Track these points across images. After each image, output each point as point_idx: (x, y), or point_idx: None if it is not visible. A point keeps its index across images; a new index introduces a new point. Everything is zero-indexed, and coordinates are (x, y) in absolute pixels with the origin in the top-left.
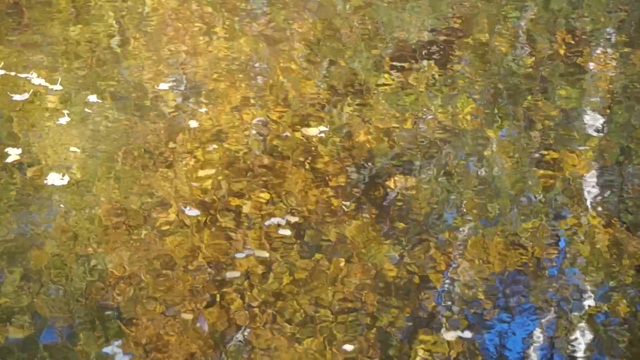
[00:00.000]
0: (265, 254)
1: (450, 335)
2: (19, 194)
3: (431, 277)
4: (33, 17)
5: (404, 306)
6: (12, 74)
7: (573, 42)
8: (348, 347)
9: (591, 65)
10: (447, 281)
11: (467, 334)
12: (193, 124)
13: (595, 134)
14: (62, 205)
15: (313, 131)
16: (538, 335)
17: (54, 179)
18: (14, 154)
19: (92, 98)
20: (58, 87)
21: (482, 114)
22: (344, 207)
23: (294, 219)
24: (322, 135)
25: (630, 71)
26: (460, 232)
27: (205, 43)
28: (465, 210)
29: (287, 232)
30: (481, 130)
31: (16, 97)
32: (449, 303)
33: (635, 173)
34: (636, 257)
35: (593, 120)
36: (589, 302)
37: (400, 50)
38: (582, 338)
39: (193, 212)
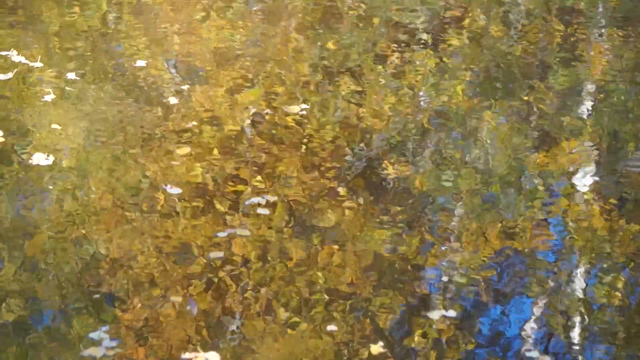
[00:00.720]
0: (258, 237)
1: (441, 317)
2: (7, 177)
3: (426, 261)
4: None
5: (399, 290)
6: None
7: (569, 25)
8: (332, 327)
9: (586, 48)
10: (442, 265)
11: (462, 318)
12: (183, 104)
13: (590, 118)
14: (50, 187)
15: (294, 109)
16: (533, 319)
17: (39, 159)
18: None
19: (82, 79)
20: (38, 64)
21: (477, 97)
22: (338, 190)
23: (287, 202)
24: (304, 112)
25: (625, 55)
26: (455, 216)
27: (200, 24)
28: (459, 194)
29: (282, 216)
30: (476, 114)
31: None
32: (444, 287)
33: (630, 157)
34: (631, 241)
35: (588, 105)
36: (585, 287)
37: (395, 32)
38: (577, 323)
39: (175, 190)
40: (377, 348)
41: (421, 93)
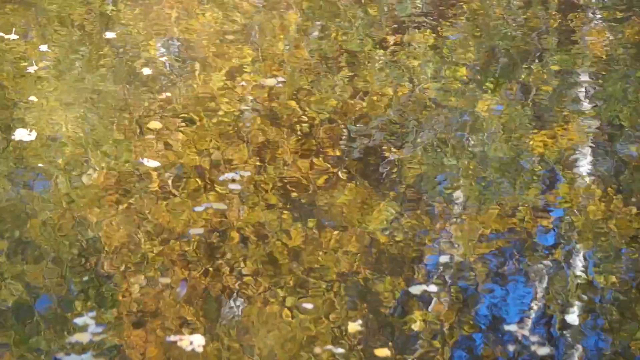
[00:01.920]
0: (259, 221)
1: (424, 291)
2: None
3: (424, 246)
4: None
5: (397, 274)
6: None
7: (567, 10)
8: (308, 305)
9: (585, 33)
10: (441, 249)
11: (459, 300)
12: (173, 91)
13: (588, 102)
14: (40, 165)
15: (271, 81)
16: (530, 304)
17: (22, 134)
18: None
19: (77, 62)
20: (14, 36)
21: (475, 82)
22: (337, 172)
23: (282, 185)
24: (280, 85)
25: (624, 39)
26: (454, 200)
27: (198, 9)
28: (458, 179)
29: (276, 199)
30: (475, 98)
31: None
32: (442, 272)
33: (628, 142)
34: (629, 226)
35: (587, 89)
36: (583, 272)
37: (394, 17)
38: (574, 307)
39: (152, 163)
40: (355, 326)
41: (420, 75)
